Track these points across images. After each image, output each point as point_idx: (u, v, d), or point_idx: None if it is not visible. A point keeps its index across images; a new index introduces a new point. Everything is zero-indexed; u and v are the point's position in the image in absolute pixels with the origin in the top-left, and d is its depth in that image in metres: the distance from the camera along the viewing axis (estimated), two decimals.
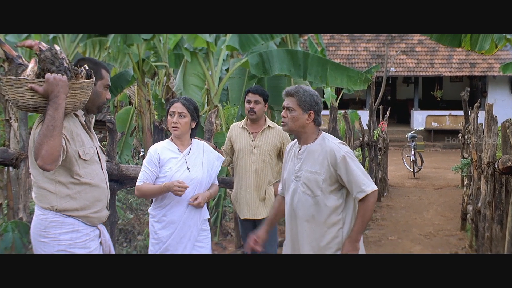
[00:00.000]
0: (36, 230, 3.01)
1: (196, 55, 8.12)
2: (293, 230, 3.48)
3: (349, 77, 7.62)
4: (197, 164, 3.85)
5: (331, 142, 3.38)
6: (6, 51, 2.85)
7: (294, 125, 3.37)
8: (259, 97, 4.94)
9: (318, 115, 3.41)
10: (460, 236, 8.45)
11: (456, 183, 13.86)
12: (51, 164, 2.72)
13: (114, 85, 9.94)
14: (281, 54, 7.42)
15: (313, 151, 3.39)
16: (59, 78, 2.75)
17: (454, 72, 25.57)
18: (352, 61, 26.23)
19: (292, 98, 3.37)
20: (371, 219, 9.84)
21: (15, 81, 2.74)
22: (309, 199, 3.37)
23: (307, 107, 3.34)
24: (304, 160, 3.41)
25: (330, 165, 3.32)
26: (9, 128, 5.73)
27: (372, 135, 10.80)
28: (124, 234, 6.77)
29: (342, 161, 3.29)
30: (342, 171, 3.30)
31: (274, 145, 4.98)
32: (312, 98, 3.36)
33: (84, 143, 3.05)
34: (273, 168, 5.01)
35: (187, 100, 3.86)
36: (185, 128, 3.83)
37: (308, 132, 3.41)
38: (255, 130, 5.03)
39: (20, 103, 2.78)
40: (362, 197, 3.26)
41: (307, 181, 3.38)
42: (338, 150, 3.32)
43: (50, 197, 2.97)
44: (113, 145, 4.56)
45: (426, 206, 11.31)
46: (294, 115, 3.35)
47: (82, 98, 2.94)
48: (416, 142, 15.79)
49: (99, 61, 3.27)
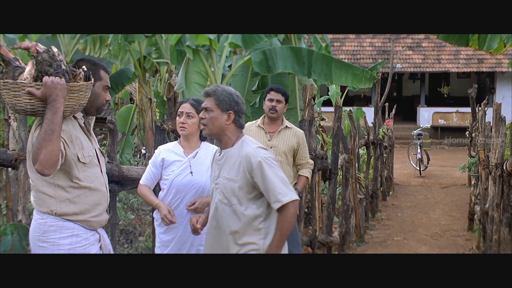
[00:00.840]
0: (35, 235, 3.00)
1: (199, 53, 8.12)
2: (215, 240, 3.27)
3: (354, 75, 7.61)
4: (202, 169, 3.79)
5: (248, 146, 3.16)
6: (3, 53, 2.83)
7: (213, 127, 3.17)
8: (281, 96, 4.99)
9: (239, 116, 3.20)
10: (467, 236, 8.44)
11: (463, 181, 13.84)
12: (50, 169, 2.71)
13: (115, 83, 9.95)
14: (285, 51, 7.41)
15: (231, 156, 3.20)
16: (57, 82, 2.74)
17: (461, 68, 25.47)
18: (357, 57, 26.16)
19: (210, 98, 3.18)
20: (377, 219, 9.84)
21: (12, 85, 2.72)
22: (226, 209, 3.18)
23: (225, 107, 3.14)
24: (223, 166, 3.23)
25: (246, 171, 3.11)
26: (8, 127, 5.73)
27: (378, 133, 10.77)
28: (125, 235, 6.77)
29: (258, 167, 3.08)
30: (258, 178, 3.09)
31: (290, 146, 5.00)
32: (231, 97, 3.16)
33: (84, 146, 3.04)
34: (290, 169, 5.02)
35: (196, 101, 3.83)
36: (192, 128, 3.79)
37: (229, 135, 3.21)
38: (271, 130, 5.05)
39: (17, 107, 2.77)
40: (278, 207, 3.05)
41: (224, 188, 3.19)
42: (255, 155, 3.10)
43: (49, 201, 2.96)
44: (113, 146, 4.53)
45: (432, 205, 11.29)
46: (212, 115, 3.15)
47: (81, 100, 2.92)
48: (422, 140, 15.75)
49: (98, 62, 3.25)
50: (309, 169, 5.15)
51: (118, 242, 6.24)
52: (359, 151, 8.95)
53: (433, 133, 24.63)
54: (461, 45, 6.46)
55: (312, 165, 5.20)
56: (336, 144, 6.57)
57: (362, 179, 9.22)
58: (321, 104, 14.33)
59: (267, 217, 3.18)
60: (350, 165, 7.54)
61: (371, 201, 9.89)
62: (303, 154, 5.07)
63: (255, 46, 7.92)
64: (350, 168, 7.54)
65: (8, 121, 5.72)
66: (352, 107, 15.00)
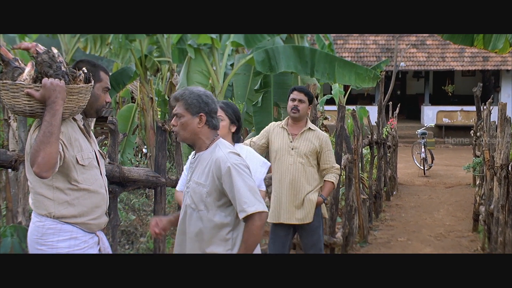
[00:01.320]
0: (33, 238, 2.99)
1: (200, 52, 8.11)
2: (181, 246, 3.19)
3: (358, 74, 7.59)
4: None
5: (220, 151, 3.04)
6: (2, 53, 2.82)
7: (186, 133, 3.07)
8: (304, 96, 4.94)
9: (211, 117, 3.07)
10: (472, 237, 8.41)
11: (468, 181, 13.81)
12: (48, 171, 2.70)
13: (116, 82, 9.95)
14: (288, 50, 7.40)
15: (203, 160, 3.10)
16: (56, 83, 2.73)
17: (466, 66, 25.43)
18: (361, 55, 26.15)
19: (178, 103, 3.06)
20: (380, 219, 9.83)
21: (11, 86, 2.71)
22: (193, 214, 3.09)
23: (195, 110, 3.02)
24: (194, 170, 3.15)
25: (215, 176, 3.00)
26: (8, 128, 5.73)
27: (381, 132, 10.75)
28: (126, 236, 6.77)
29: (227, 173, 2.96)
30: (227, 185, 2.97)
31: (313, 148, 4.95)
32: (200, 99, 3.02)
33: (82, 148, 3.02)
34: (314, 172, 4.98)
35: (226, 104, 3.82)
36: (223, 131, 3.70)
37: (203, 138, 3.10)
38: (294, 132, 5.01)
39: (16, 108, 2.76)
40: (244, 217, 2.92)
41: (193, 193, 3.10)
42: (225, 160, 2.98)
43: (47, 204, 2.94)
44: (114, 147, 4.52)
45: (436, 205, 11.27)
46: (183, 121, 3.04)
47: (80, 103, 2.91)
48: (426, 139, 15.72)
49: (97, 63, 3.24)
50: (335, 174, 5.05)
51: (119, 243, 6.24)
52: (362, 151, 8.93)
53: (437, 132, 24.60)
54: (466, 44, 6.45)
55: (338, 169, 5.09)
56: (339, 144, 6.55)
57: (365, 179, 9.20)
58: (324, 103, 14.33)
59: (236, 228, 3.08)
60: (353, 165, 7.52)
61: (374, 201, 9.87)
62: (327, 158, 5.00)
63: (258, 45, 7.91)
64: (353, 168, 7.52)
65: (8, 121, 5.72)
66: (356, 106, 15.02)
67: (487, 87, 25.21)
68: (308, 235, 5.05)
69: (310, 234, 5.04)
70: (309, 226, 5.00)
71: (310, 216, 4.95)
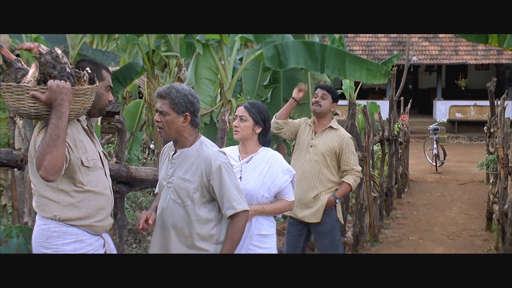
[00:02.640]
0: (38, 241, 2.99)
1: (209, 47, 8.09)
2: (162, 240, 3.27)
3: (369, 70, 7.55)
4: (253, 175, 3.69)
5: (209, 149, 3.19)
6: (5, 54, 2.81)
7: (170, 130, 3.16)
8: (327, 92, 4.94)
9: (195, 115, 3.19)
10: (485, 236, 8.36)
11: (481, 178, 13.74)
12: (54, 175, 2.69)
13: (123, 76, 9.97)
14: (297, 46, 7.37)
15: (188, 156, 3.21)
16: (62, 86, 2.71)
17: (479, 60, 25.27)
18: (372, 48, 26.04)
19: (164, 101, 3.14)
20: (392, 218, 9.80)
21: (16, 88, 2.69)
22: (178, 209, 3.19)
23: (181, 109, 3.12)
24: (178, 166, 3.23)
25: (204, 173, 3.14)
26: (13, 126, 5.76)
27: (393, 129, 10.70)
28: (133, 234, 6.77)
29: (217, 171, 3.12)
30: (215, 182, 3.12)
31: (331, 148, 4.89)
32: (186, 98, 3.13)
33: (87, 149, 3.02)
34: (328, 172, 4.91)
35: (250, 104, 3.79)
36: (246, 132, 3.73)
37: (186, 136, 3.21)
38: (317, 129, 5.00)
39: (21, 110, 2.74)
40: (231, 214, 3.10)
41: (178, 188, 3.19)
42: (215, 159, 3.14)
43: (52, 206, 2.94)
44: (122, 146, 4.51)
45: (449, 203, 11.22)
46: (168, 119, 3.13)
47: (85, 104, 2.90)
48: (438, 135, 15.64)
49: (99, 62, 3.23)
50: (354, 176, 4.95)
51: (126, 242, 6.25)
52: (373, 148, 8.90)
53: (450, 127, 24.48)
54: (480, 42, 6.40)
55: (359, 172, 4.98)
56: None
57: (376, 176, 9.17)
58: None
59: (219, 223, 3.21)
60: (364, 163, 7.48)
61: (385, 199, 9.84)
62: (347, 159, 4.91)
63: (267, 40, 7.88)
64: (364, 166, 7.49)
65: (13, 119, 5.75)
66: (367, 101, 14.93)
67: (501, 81, 25.06)
68: (320, 237, 5.01)
69: (322, 237, 4.99)
70: (322, 229, 4.96)
71: (317, 216, 4.89)
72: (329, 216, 4.95)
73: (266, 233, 3.73)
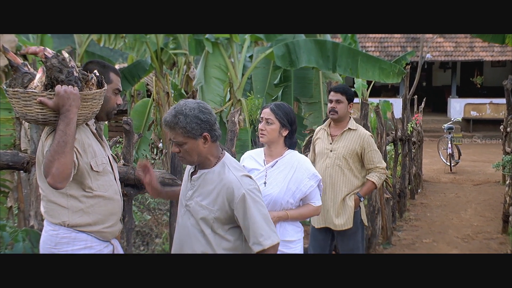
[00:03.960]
0: (46, 247, 2.98)
1: (218, 46, 8.08)
2: None
3: (382, 69, 7.52)
4: (278, 180, 3.60)
5: (231, 174, 2.87)
6: (11, 59, 2.81)
7: (192, 157, 2.88)
8: (341, 96, 4.87)
9: (214, 130, 2.86)
10: (501, 239, 8.30)
11: (497, 178, 13.67)
12: (62, 182, 2.68)
13: (130, 75, 9.99)
14: (309, 44, 7.34)
15: (209, 180, 2.92)
16: (70, 91, 2.70)
17: (496, 57, 25.14)
18: (385, 45, 25.95)
19: (175, 132, 2.83)
20: (405, 219, 9.75)
21: (23, 94, 2.68)
22: (197, 235, 2.92)
23: (198, 133, 2.82)
24: (198, 189, 2.94)
25: (225, 202, 2.85)
26: (19, 126, 5.77)
27: (406, 129, 10.65)
28: (141, 236, 6.78)
29: (241, 201, 2.80)
30: (240, 213, 2.83)
31: (352, 149, 4.88)
32: (198, 119, 2.81)
33: (96, 153, 3.01)
34: (351, 175, 4.91)
35: (277, 106, 3.66)
36: (272, 135, 3.63)
37: (209, 157, 2.92)
38: (335, 133, 4.98)
39: (28, 116, 2.73)
40: (258, 250, 2.82)
41: (196, 214, 2.92)
42: (239, 186, 2.82)
43: (62, 212, 2.93)
44: (129, 148, 4.50)
45: (464, 204, 11.16)
46: (186, 148, 2.84)
47: (94, 108, 2.89)
48: (453, 134, 15.57)
49: (107, 64, 3.21)
50: (379, 174, 4.94)
51: (134, 245, 6.26)
52: (386, 148, 8.85)
53: (465, 126, 24.36)
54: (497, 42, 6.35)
55: (383, 169, 4.98)
56: None
57: (389, 177, 9.13)
58: None
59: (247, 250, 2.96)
60: None
61: (398, 200, 9.80)
62: (370, 158, 4.90)
63: (277, 38, 7.86)
64: None
65: (20, 120, 5.75)
66: (379, 99, 14.89)
67: None
68: (345, 240, 5.00)
69: (347, 239, 4.98)
70: (346, 232, 4.94)
71: (349, 222, 4.89)
72: (356, 219, 4.96)
73: (291, 239, 3.67)
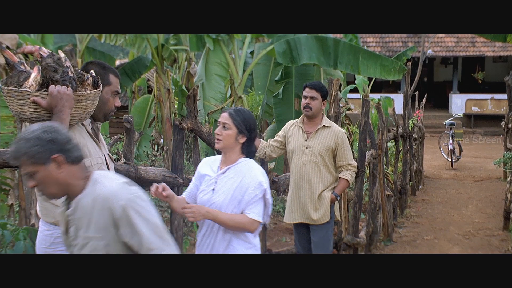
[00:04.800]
0: (41, 247, 3.01)
1: (219, 43, 8.08)
2: None
3: (383, 66, 7.52)
4: (225, 187, 3.36)
5: (105, 187, 2.38)
6: (7, 57, 2.82)
7: (51, 189, 2.40)
8: (316, 92, 4.95)
9: (67, 149, 2.36)
10: (502, 236, 8.31)
11: (498, 175, 13.67)
12: None
13: (131, 71, 9.98)
14: (310, 41, 7.33)
15: (85, 206, 2.42)
16: (63, 92, 2.71)
17: (497, 52, 25.09)
18: (386, 40, 25.92)
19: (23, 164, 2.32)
20: (406, 216, 9.76)
21: (17, 93, 2.70)
22: None
23: (45, 157, 2.31)
24: (78, 223, 2.44)
25: (108, 223, 2.37)
26: (20, 124, 5.76)
27: (407, 125, 10.65)
28: None
29: (122, 216, 2.34)
30: (126, 230, 2.36)
31: (327, 146, 4.97)
32: (40, 141, 2.27)
33: (91, 153, 3.02)
34: (327, 172, 5.01)
35: (235, 111, 3.42)
36: (228, 141, 3.38)
37: (73, 182, 2.42)
38: (310, 130, 5.05)
39: (22, 115, 2.76)
40: None
41: (88, 251, 2.44)
42: (116, 199, 2.34)
43: (55, 211, 2.93)
44: (130, 146, 4.51)
45: (465, 201, 11.17)
46: (40, 178, 2.34)
47: (88, 109, 2.90)
48: (454, 130, 15.57)
49: (107, 65, 3.20)
50: (351, 171, 5.07)
51: None
52: (387, 145, 8.86)
53: (466, 122, 24.35)
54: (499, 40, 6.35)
55: (354, 167, 5.10)
56: (363, 140, 6.49)
57: (390, 173, 9.14)
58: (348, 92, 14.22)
59: None
60: (377, 161, 7.46)
61: (399, 196, 9.81)
62: (342, 155, 5.01)
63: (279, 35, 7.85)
64: (377, 164, 7.46)
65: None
66: (380, 95, 14.88)
67: None
68: (316, 231, 5.10)
69: (318, 230, 5.08)
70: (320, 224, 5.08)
71: (326, 216, 5.02)
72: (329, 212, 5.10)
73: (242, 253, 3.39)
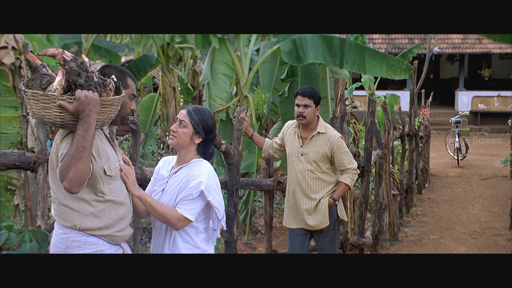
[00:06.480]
0: (57, 250, 3.00)
1: (225, 42, 8.06)
2: None
3: (389, 65, 7.49)
4: (173, 187, 3.29)
5: None
6: (30, 59, 2.81)
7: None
8: (308, 100, 4.84)
9: None
10: (509, 236, 8.31)
11: (504, 173, 13.63)
12: (78, 187, 2.72)
13: (137, 69, 9.99)
14: (316, 40, 7.31)
15: None
16: (91, 97, 2.70)
17: (504, 49, 24.97)
18: (392, 37, 25.85)
19: None
20: (412, 215, 9.75)
21: (42, 97, 2.68)
22: None
23: None
24: None
25: None
26: (26, 124, 5.78)
27: (413, 124, 10.62)
28: (148, 233, 6.81)
29: None
30: None
31: (322, 154, 4.90)
32: None
33: (110, 157, 3.03)
34: (325, 176, 4.95)
35: (194, 110, 3.31)
36: (182, 139, 3.28)
37: None
38: (305, 135, 4.99)
39: (46, 119, 2.73)
40: None
41: None
42: None
43: (73, 215, 2.94)
44: (136, 147, 4.52)
45: (471, 199, 11.14)
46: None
47: (111, 114, 2.90)
48: (460, 128, 15.52)
49: (124, 69, 3.21)
50: (351, 175, 4.95)
51: (140, 241, 6.28)
52: (393, 144, 8.84)
53: (472, 119, 24.27)
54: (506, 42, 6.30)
55: (354, 169, 4.99)
56: (369, 140, 6.48)
57: (396, 172, 9.12)
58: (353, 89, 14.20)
59: None
60: (383, 161, 7.44)
61: (405, 195, 9.79)
62: (340, 161, 4.92)
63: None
64: (383, 164, 7.44)
65: (26, 117, 5.77)
66: (386, 92, 14.84)
67: None
68: (321, 237, 5.08)
69: (323, 236, 5.06)
70: (324, 229, 5.02)
71: (325, 221, 4.96)
72: (331, 216, 5.02)
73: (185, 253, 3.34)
